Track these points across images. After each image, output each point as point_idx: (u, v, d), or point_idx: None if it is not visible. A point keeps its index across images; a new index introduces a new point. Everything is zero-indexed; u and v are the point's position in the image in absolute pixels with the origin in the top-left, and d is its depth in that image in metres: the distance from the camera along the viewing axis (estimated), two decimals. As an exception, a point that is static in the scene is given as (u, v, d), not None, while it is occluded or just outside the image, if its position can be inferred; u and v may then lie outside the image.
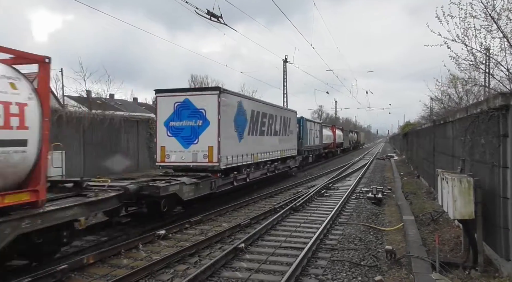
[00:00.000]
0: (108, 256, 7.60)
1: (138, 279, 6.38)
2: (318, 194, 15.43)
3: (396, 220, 11.00)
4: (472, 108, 7.39)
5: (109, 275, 6.65)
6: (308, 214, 11.84)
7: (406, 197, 14.38)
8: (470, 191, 6.02)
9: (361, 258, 7.67)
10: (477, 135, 6.98)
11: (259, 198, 14.54)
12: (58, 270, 6.35)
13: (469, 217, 6.07)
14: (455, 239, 8.15)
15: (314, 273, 6.85)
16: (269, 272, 6.87)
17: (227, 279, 6.55)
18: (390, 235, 9.58)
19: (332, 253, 7.96)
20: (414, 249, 7.50)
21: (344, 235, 9.43)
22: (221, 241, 8.85)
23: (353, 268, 7.06)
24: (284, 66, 43.31)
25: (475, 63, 10.60)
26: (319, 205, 13.48)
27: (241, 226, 9.96)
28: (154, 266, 6.84)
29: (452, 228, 9.16)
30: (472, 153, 7.43)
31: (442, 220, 10.14)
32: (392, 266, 7.10)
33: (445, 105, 24.15)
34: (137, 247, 8.28)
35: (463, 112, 8.33)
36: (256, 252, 8.01)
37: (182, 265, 7.24)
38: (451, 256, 7.26)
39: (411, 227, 9.33)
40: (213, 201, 13.14)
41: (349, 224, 10.60)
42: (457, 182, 6.09)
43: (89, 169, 16.71)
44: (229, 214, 12.01)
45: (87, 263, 7.11)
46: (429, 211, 11.28)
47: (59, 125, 15.27)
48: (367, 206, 13.21)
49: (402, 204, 12.68)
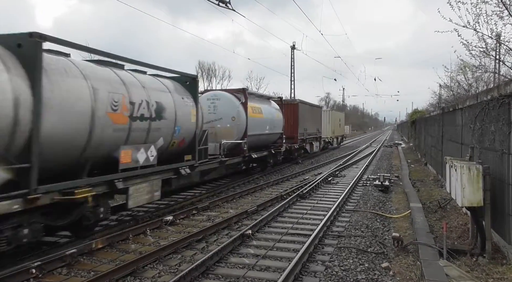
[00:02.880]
0: (117, 241, 7.71)
1: (146, 264, 6.45)
2: (325, 181, 15.43)
3: (403, 207, 10.98)
4: (482, 95, 7.27)
5: (117, 260, 6.74)
6: (315, 201, 11.86)
7: (414, 185, 14.32)
8: (479, 178, 5.97)
9: (368, 245, 7.68)
10: (487, 123, 6.88)
11: (266, 185, 14.58)
12: (67, 254, 6.45)
13: (477, 205, 6.03)
14: (462, 226, 8.13)
15: (321, 259, 6.88)
16: (276, 258, 6.91)
17: (234, 264, 6.60)
18: (397, 222, 9.57)
19: (339, 240, 7.99)
20: (421, 236, 7.48)
21: (351, 222, 9.44)
22: (228, 227, 8.91)
23: (359, 255, 7.08)
24: (292, 53, 42.97)
25: (486, 49, 10.40)
26: (326, 192, 13.49)
27: (248, 213, 10.01)
28: (162, 251, 6.92)
29: (459, 215, 9.13)
30: (481, 140, 7.34)
31: (450, 207, 10.10)
32: (399, 253, 7.11)
33: (454, 92, 23.83)
34: (145, 233, 8.37)
35: (473, 99, 8.20)
36: (263, 239, 8.06)
37: (189, 250, 7.31)
38: (458, 243, 7.24)
39: (418, 214, 9.30)
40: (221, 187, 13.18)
41: (356, 211, 10.61)
42: (466, 170, 6.03)
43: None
44: (236, 200, 12.06)
45: (96, 248, 7.21)
46: (436, 198, 11.24)
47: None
48: (374, 193, 13.19)
49: (409, 191, 12.64)
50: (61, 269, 6.29)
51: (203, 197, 12.29)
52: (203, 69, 61.70)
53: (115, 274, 5.88)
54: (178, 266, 6.52)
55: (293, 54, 43.00)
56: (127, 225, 8.75)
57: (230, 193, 12.82)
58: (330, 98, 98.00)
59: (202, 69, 62.30)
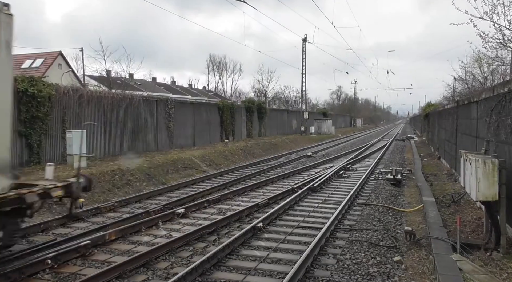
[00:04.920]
0: (129, 233, 7.81)
1: (158, 256, 6.52)
2: (336, 174, 15.36)
3: (415, 201, 10.88)
4: (499, 88, 7.11)
5: (130, 251, 6.83)
6: (326, 195, 11.83)
7: (426, 178, 14.17)
8: (495, 172, 5.86)
9: (379, 238, 7.64)
10: (503, 116, 6.74)
11: (276, 178, 14.57)
12: (82, 245, 6.56)
13: (492, 199, 5.93)
14: (476, 220, 8.01)
15: (333, 252, 6.87)
16: (287, 251, 6.92)
17: (245, 257, 6.63)
18: (410, 216, 9.49)
19: (350, 233, 7.96)
20: (434, 230, 7.41)
21: (363, 215, 9.39)
22: (239, 220, 8.95)
23: (371, 248, 7.05)
24: (303, 46, 42.69)
25: (503, 41, 10.14)
26: (337, 185, 13.43)
27: (259, 206, 10.03)
28: (174, 243, 6.98)
29: (473, 209, 9.00)
30: (497, 134, 7.20)
31: (464, 201, 9.97)
32: (412, 247, 7.06)
33: (469, 85, 23.40)
34: (157, 225, 8.46)
35: (489, 92, 8.03)
36: (274, 232, 8.08)
37: (201, 243, 7.37)
38: (472, 237, 7.15)
39: (431, 208, 9.20)
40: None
41: (368, 205, 10.55)
42: (481, 163, 5.93)
43: (109, 148, 17.02)
44: (247, 193, 12.09)
45: (109, 239, 7.32)
46: (450, 192, 11.10)
47: (80, 104, 15.51)
48: (386, 187, 13.09)
49: (422, 185, 12.51)
50: (76, 260, 6.40)
51: (214, 190, 12.35)
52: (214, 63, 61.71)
53: (128, 265, 5.95)
54: (190, 258, 6.57)
55: (305, 47, 42.72)
56: (139, 217, 8.84)
57: (241, 186, 12.86)
58: (341, 92, 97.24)
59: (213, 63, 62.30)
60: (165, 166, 15.61)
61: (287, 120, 43.85)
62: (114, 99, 17.32)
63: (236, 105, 31.30)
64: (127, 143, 18.18)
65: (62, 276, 5.79)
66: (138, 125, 18.84)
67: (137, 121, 18.74)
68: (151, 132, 19.85)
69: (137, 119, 18.74)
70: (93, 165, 14.10)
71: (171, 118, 21.21)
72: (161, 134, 20.62)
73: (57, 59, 42.52)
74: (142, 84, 45.89)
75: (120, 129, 17.76)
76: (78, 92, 15.70)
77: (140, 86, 41.04)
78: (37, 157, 13.52)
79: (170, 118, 21.18)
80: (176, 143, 21.69)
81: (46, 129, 13.84)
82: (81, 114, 15.56)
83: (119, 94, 18.12)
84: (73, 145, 13.47)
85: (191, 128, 23.43)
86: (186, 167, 16.62)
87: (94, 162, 14.68)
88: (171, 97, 23.53)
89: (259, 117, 34.23)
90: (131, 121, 18.31)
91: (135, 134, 18.63)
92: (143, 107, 19.06)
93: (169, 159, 16.58)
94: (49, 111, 13.94)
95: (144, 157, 16.68)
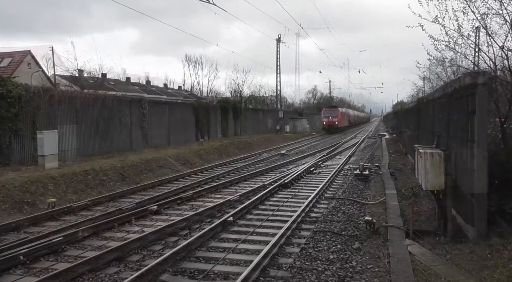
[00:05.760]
0: (102, 229, 8.00)
1: (131, 250, 6.76)
2: (308, 171, 15.86)
3: (380, 195, 11.46)
4: (448, 87, 7.73)
5: (103, 246, 7.04)
6: (296, 190, 12.28)
7: (392, 174, 14.86)
8: (441, 163, 6.42)
9: (342, 228, 8.12)
10: (451, 113, 7.34)
11: (249, 176, 14.95)
12: (54, 241, 6.73)
13: (439, 188, 6.50)
14: (431, 210, 8.63)
15: (297, 242, 7.28)
16: (255, 242, 7.29)
17: (215, 248, 6.96)
18: (373, 208, 10.04)
19: (315, 225, 8.40)
20: (392, 220, 7.96)
21: (329, 208, 9.87)
22: (211, 215, 9.25)
23: (334, 238, 7.51)
24: (277, 46, 43.25)
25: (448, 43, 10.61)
26: (307, 181, 13.92)
27: (230, 201, 10.36)
28: (146, 238, 7.23)
29: (430, 200, 9.63)
30: (447, 129, 7.81)
31: (423, 193, 10.61)
32: (371, 235, 7.56)
33: (433, 84, 24.45)
34: (130, 222, 8.67)
35: (441, 91, 8.67)
36: (244, 225, 8.44)
37: (173, 237, 7.64)
38: (425, 225, 7.73)
39: (392, 200, 9.80)
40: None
41: (334, 198, 11.05)
42: (429, 156, 6.48)
43: (82, 149, 16.96)
44: (219, 191, 12.40)
45: (82, 236, 7.49)
46: (411, 185, 11.76)
47: (51, 105, 15.42)
48: (354, 182, 13.67)
49: (386, 180, 13.16)
50: (48, 256, 6.57)
51: (188, 188, 12.60)
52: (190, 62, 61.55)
53: (101, 259, 6.18)
54: (162, 251, 6.85)
55: (279, 47, 43.32)
56: (112, 215, 9.01)
57: (214, 184, 13.16)
58: (317, 91, 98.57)
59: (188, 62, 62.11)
60: (139, 166, 15.71)
61: (263, 119, 44.35)
62: (86, 99, 17.27)
63: (211, 104, 31.52)
64: (101, 143, 18.16)
65: (35, 271, 5.97)
66: (112, 125, 18.83)
67: (111, 121, 18.73)
68: (125, 132, 19.86)
69: (111, 120, 18.72)
70: (65, 165, 14.08)
71: (145, 118, 21.25)
72: (136, 134, 20.65)
73: (26, 59, 41.48)
74: (115, 84, 45.31)
75: (94, 130, 17.72)
76: (49, 92, 15.61)
77: (113, 86, 40.57)
78: (6, 158, 13.42)
79: (144, 118, 21.22)
80: (151, 142, 21.74)
81: (16, 130, 13.74)
82: (52, 114, 15.47)
83: (92, 94, 18.07)
84: (44, 145, 13.43)
85: (165, 128, 23.52)
86: (161, 166, 16.76)
87: (66, 163, 14.65)
88: (145, 97, 23.57)
89: (235, 117, 34.55)
90: (104, 121, 18.29)
91: (109, 135, 18.62)
92: (117, 107, 19.05)
93: (144, 159, 16.68)
94: (19, 111, 13.83)
95: (118, 157, 16.71)
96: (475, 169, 5.99)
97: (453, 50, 7.29)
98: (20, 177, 11.20)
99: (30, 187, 10.79)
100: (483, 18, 7.13)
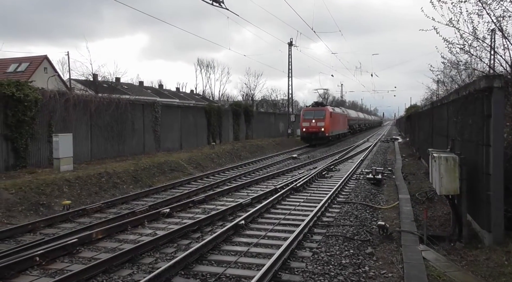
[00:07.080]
0: (116, 231, 8.08)
1: (143, 252, 6.83)
2: (319, 175, 15.80)
3: (393, 199, 11.35)
4: (462, 90, 7.63)
5: (116, 249, 7.12)
6: (308, 194, 12.24)
7: (405, 178, 14.71)
8: (456, 168, 6.33)
9: (355, 233, 8.05)
10: (466, 116, 7.24)
11: (261, 179, 14.95)
12: (69, 243, 6.83)
13: (454, 193, 6.40)
14: (446, 215, 8.50)
15: (309, 246, 7.26)
16: (266, 246, 7.29)
17: (227, 252, 6.98)
18: (386, 212, 9.95)
19: (327, 229, 8.36)
20: (406, 225, 7.87)
21: (341, 213, 9.81)
22: (222, 218, 9.28)
23: (346, 242, 7.45)
24: (289, 50, 43.22)
25: (463, 46, 10.51)
26: (319, 185, 13.87)
27: (242, 205, 10.38)
28: (159, 240, 7.29)
29: (444, 205, 9.50)
30: (462, 133, 7.71)
31: (437, 198, 10.47)
32: (384, 240, 7.49)
33: (447, 87, 24.17)
34: (143, 224, 8.75)
35: (455, 94, 8.56)
36: (256, 229, 8.44)
37: (185, 240, 7.68)
38: (440, 230, 7.63)
39: (405, 205, 9.69)
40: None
41: (347, 203, 10.98)
42: (443, 160, 6.40)
43: (96, 152, 17.20)
44: (231, 194, 12.44)
45: (96, 238, 7.59)
46: (425, 190, 11.62)
47: (66, 108, 15.68)
48: (366, 186, 13.56)
49: (399, 184, 13.03)
50: (63, 257, 6.67)
51: (200, 191, 12.66)
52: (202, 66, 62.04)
53: (114, 261, 6.25)
54: (174, 254, 6.89)
55: (291, 51, 43.26)
56: (125, 217, 9.11)
57: (225, 187, 13.20)
58: (329, 95, 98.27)
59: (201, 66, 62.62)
60: (152, 169, 15.86)
61: (274, 123, 44.33)
62: (100, 103, 17.52)
63: (223, 108, 31.65)
64: (114, 146, 18.37)
65: (50, 272, 6.06)
66: (125, 128, 19.05)
67: (124, 125, 18.95)
68: (138, 135, 20.07)
69: (124, 123, 18.94)
70: (80, 168, 14.29)
71: (158, 121, 21.45)
72: (148, 137, 20.85)
73: (43, 63, 42.38)
74: (129, 88, 45.90)
75: (107, 133, 17.95)
76: (65, 96, 15.88)
77: (127, 90, 41.11)
78: (23, 161, 13.67)
79: (157, 122, 21.43)
80: (163, 146, 21.93)
81: (32, 133, 14.01)
82: (67, 118, 15.73)
83: (106, 98, 18.33)
84: (59, 148, 13.65)
85: (178, 131, 23.69)
86: (173, 170, 16.89)
87: (80, 165, 14.87)
88: (157, 101, 23.79)
89: (246, 120, 34.62)
90: (118, 124, 18.51)
91: (122, 138, 18.83)
92: (130, 111, 19.28)
93: (156, 162, 16.83)
94: (36, 115, 14.10)
95: (131, 160, 16.89)
96: (490, 173, 5.90)
97: (468, 53, 7.23)
98: (36, 179, 11.41)
99: (46, 189, 10.99)
100: (498, 20, 7.06)
